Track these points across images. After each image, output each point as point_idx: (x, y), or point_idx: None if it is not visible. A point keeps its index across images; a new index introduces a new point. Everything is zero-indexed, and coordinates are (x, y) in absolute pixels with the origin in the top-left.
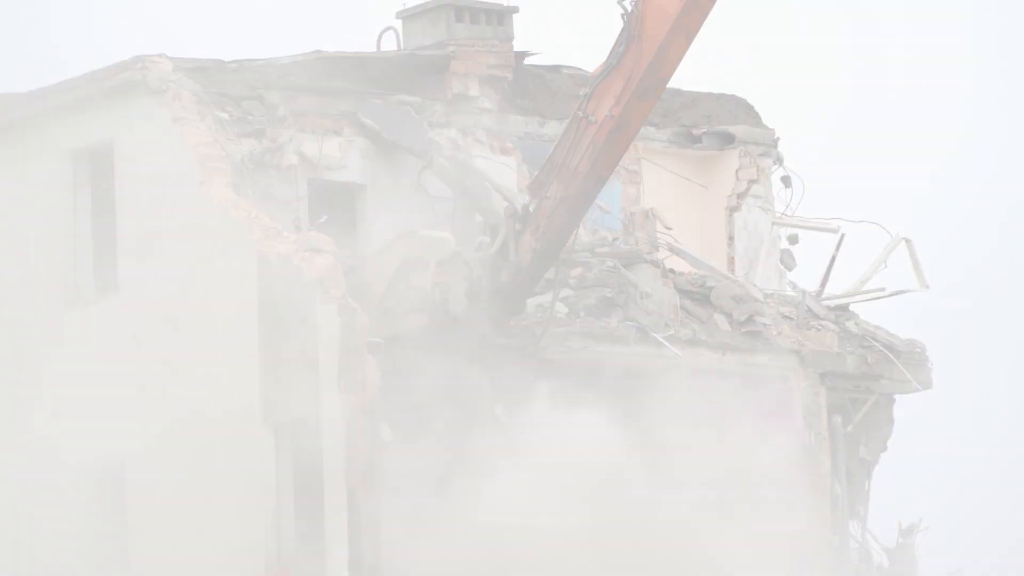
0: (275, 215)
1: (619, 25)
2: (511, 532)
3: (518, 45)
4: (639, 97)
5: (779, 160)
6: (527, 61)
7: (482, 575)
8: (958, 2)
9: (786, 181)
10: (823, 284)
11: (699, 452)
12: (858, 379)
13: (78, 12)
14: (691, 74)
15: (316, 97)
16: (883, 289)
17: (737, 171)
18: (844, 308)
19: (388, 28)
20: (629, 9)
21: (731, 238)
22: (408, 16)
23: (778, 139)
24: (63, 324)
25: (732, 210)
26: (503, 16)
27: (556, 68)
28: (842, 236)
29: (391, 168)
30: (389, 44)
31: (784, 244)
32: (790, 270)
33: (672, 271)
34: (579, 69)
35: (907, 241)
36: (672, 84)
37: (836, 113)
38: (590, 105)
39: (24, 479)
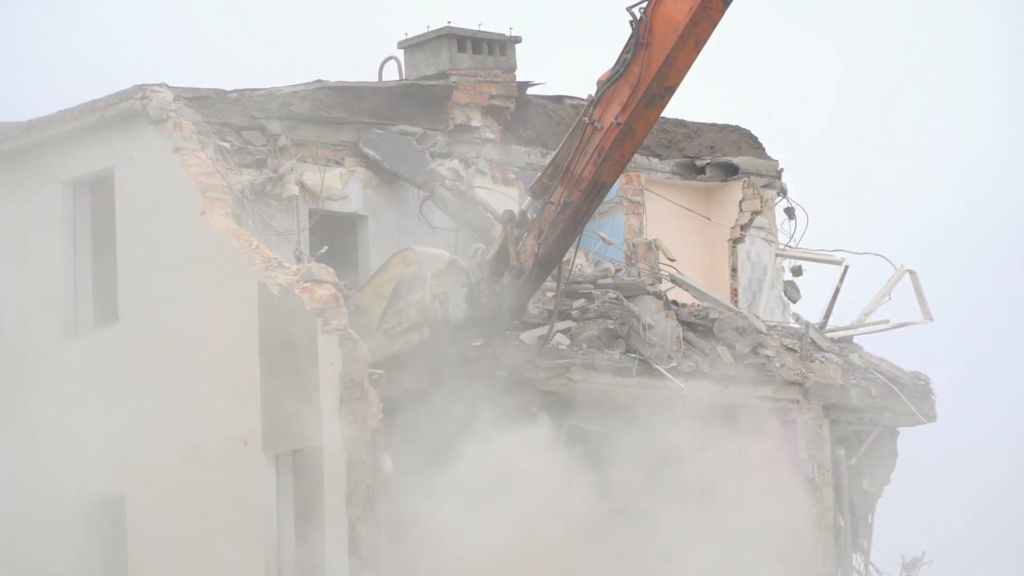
0: (276, 245)
1: (627, 33)
2: (508, 561)
3: (520, 75)
4: (646, 105)
5: (783, 191)
6: (529, 91)
7: None
8: (964, 34)
9: (790, 212)
10: (827, 316)
11: (701, 485)
12: (862, 411)
13: (78, 41)
14: (694, 105)
15: (317, 127)
16: (887, 321)
17: (740, 202)
18: (848, 340)
19: (390, 58)
20: (638, 16)
21: (734, 270)
22: (410, 46)
23: (782, 170)
24: (63, 354)
25: (735, 241)
26: (505, 46)
27: (558, 98)
28: (846, 268)
29: (392, 198)
30: (391, 74)
31: (788, 276)
32: (794, 302)
33: (675, 303)
34: (582, 100)
35: (911, 273)
36: (675, 115)
37: (840, 145)
38: (596, 111)
39: (24, 509)
